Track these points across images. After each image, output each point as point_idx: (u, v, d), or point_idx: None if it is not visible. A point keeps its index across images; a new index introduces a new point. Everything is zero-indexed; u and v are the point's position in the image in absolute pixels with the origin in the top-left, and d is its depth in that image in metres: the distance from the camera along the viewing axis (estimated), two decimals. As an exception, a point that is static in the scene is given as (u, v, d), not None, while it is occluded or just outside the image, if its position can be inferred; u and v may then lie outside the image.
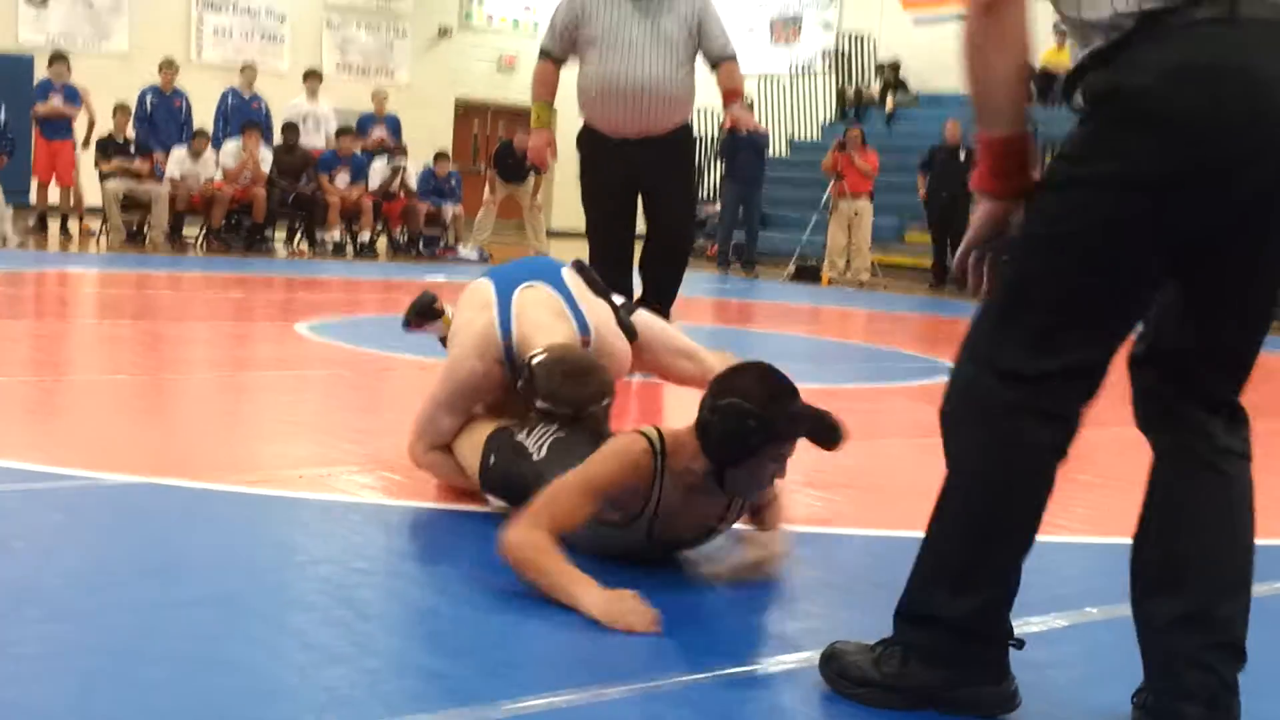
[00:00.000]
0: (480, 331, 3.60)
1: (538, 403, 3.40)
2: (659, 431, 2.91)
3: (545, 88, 6.53)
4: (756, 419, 2.69)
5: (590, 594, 2.71)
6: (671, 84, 6.32)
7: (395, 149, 15.87)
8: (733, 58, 6.48)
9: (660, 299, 6.43)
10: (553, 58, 6.47)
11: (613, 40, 6.23)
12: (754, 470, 2.80)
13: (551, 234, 17.93)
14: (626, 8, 6.26)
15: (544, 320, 3.59)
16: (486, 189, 16.19)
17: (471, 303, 3.74)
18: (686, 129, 6.56)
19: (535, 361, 3.43)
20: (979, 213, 2.24)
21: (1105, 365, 2.18)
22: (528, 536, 2.80)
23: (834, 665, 2.37)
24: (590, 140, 6.55)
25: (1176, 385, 2.21)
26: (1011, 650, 2.29)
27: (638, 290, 6.56)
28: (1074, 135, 2.10)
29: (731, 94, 6.60)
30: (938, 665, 2.26)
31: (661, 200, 6.54)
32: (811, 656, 2.55)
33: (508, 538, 2.82)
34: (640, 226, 6.71)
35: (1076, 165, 2.09)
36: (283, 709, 2.14)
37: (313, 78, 16.41)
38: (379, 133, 16.28)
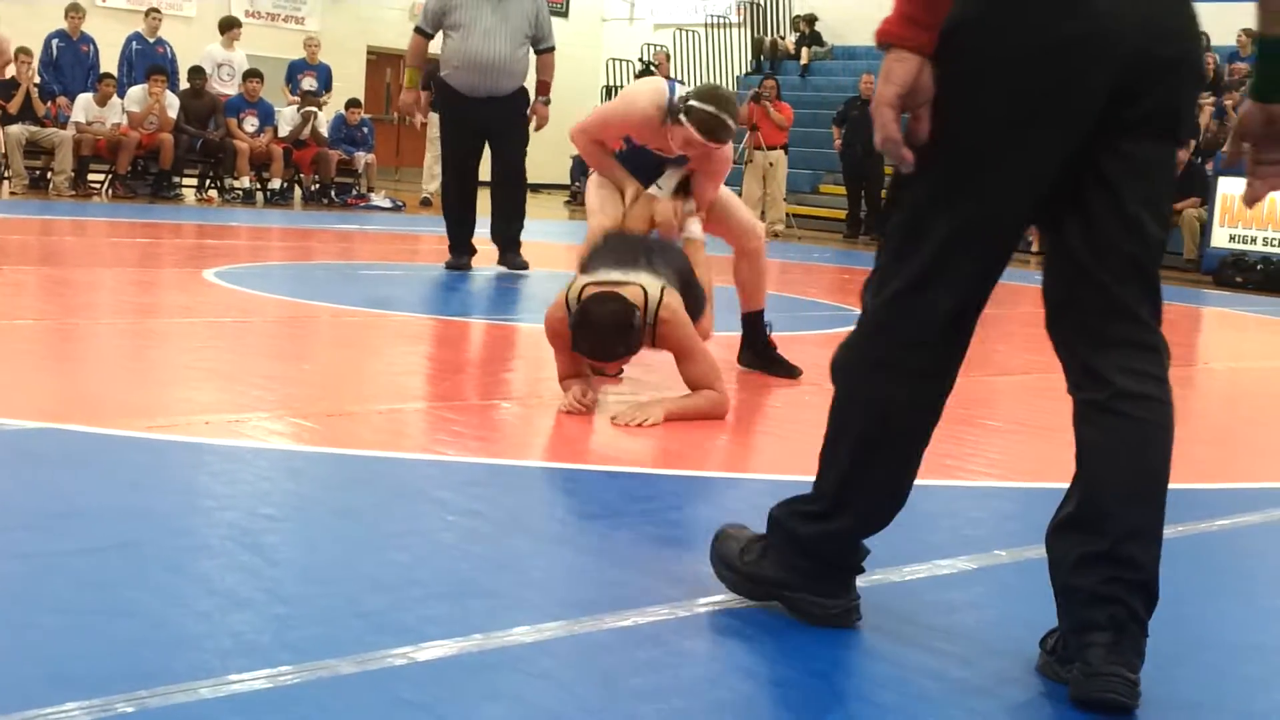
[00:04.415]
0: (655, 85, 5.02)
1: (689, 103, 4.71)
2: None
3: (417, 57, 8.99)
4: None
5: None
6: (513, 60, 8.66)
7: (310, 97, 15.63)
8: (551, 49, 8.95)
9: (510, 219, 8.83)
10: (425, 34, 8.79)
11: (472, 26, 8.48)
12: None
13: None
14: (484, 2, 8.48)
15: None
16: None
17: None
18: (523, 91, 8.84)
19: (694, 91, 4.87)
20: (893, 73, 2.09)
21: (976, 309, 2.26)
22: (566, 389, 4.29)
23: (716, 544, 2.57)
24: (449, 96, 8.77)
25: (1076, 336, 2.24)
26: (909, 593, 2.30)
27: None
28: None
29: (544, 85, 9.06)
30: (787, 567, 2.42)
31: (504, 142, 8.81)
32: (728, 601, 2.55)
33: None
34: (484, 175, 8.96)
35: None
36: (187, 655, 2.10)
37: (234, 27, 16.10)
38: (309, 82, 16.02)
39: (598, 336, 4.07)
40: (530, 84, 8.93)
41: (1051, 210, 2.22)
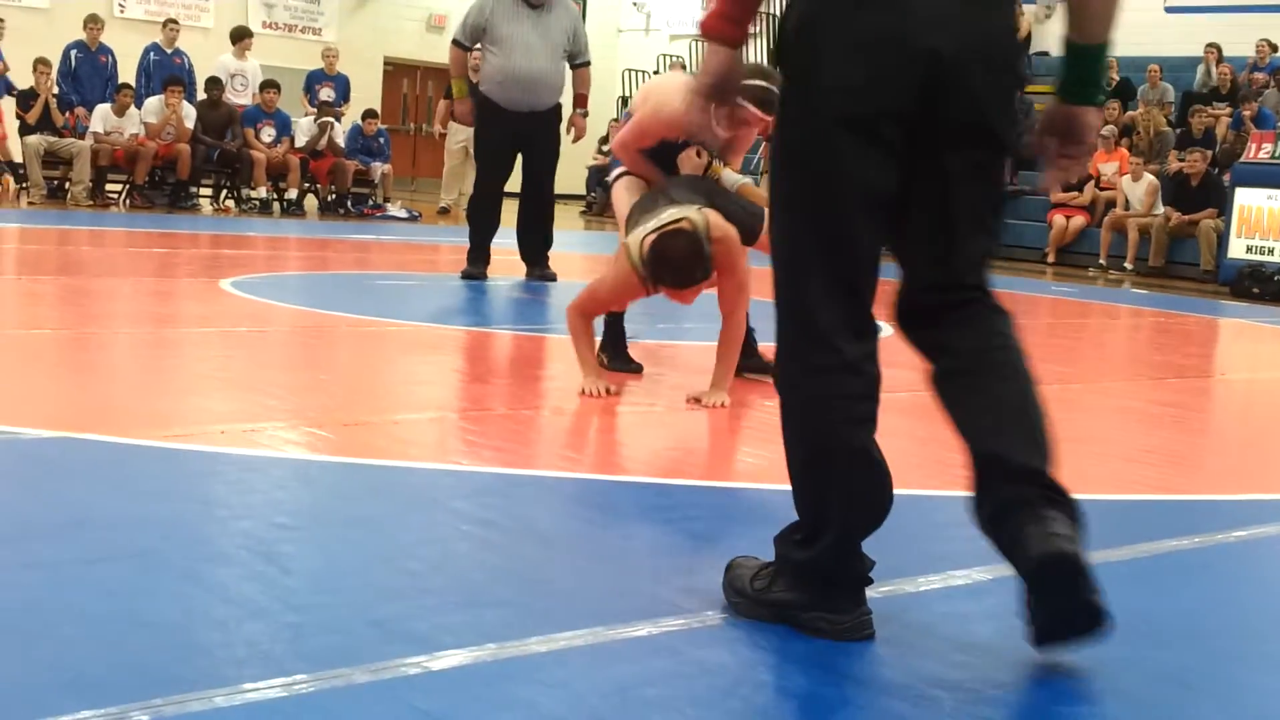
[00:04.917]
0: (678, 83, 5.25)
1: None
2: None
3: (460, 68, 9.30)
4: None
5: (585, 376, 4.72)
6: (552, 75, 8.96)
7: (327, 107, 15.66)
8: (588, 64, 9.26)
9: (540, 233, 9.12)
10: (464, 47, 9.12)
11: (513, 41, 8.75)
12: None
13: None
14: (524, 18, 8.76)
15: None
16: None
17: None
18: (558, 106, 9.09)
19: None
20: (708, 64, 2.30)
21: (862, 304, 2.34)
22: (576, 320, 4.78)
23: (728, 575, 2.58)
24: (488, 109, 9.00)
25: (926, 323, 2.39)
26: (915, 596, 2.34)
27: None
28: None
29: (581, 98, 9.40)
30: (796, 589, 2.45)
31: (536, 154, 9.06)
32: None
33: (568, 311, 4.79)
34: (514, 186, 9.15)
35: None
36: (202, 664, 2.11)
37: (245, 37, 16.15)
38: (326, 92, 16.06)
39: (677, 267, 4.45)
40: (565, 99, 9.08)
41: (899, 217, 2.32)
